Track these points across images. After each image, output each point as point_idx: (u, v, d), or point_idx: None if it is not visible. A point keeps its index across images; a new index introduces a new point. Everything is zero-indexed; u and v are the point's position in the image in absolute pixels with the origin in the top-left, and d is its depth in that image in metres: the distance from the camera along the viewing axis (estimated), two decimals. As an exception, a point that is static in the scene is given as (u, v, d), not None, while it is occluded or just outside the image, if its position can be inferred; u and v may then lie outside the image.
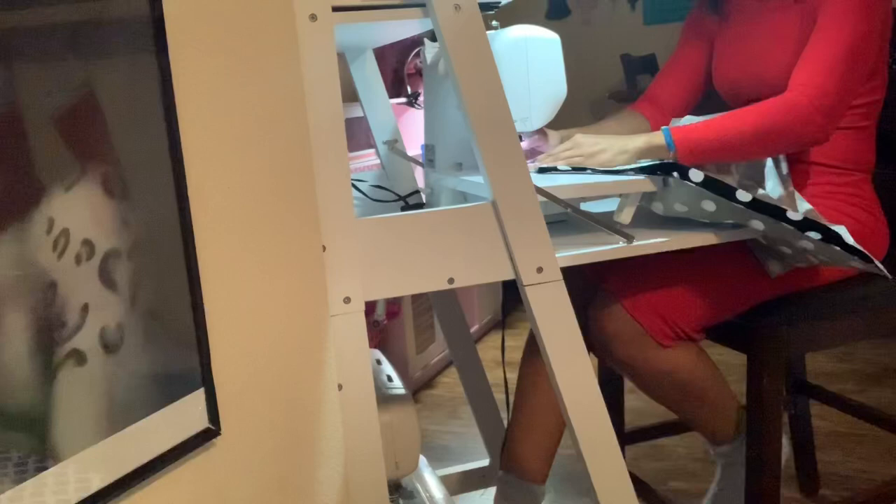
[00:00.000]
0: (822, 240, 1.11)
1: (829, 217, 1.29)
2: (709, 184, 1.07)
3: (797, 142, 1.24)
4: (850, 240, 1.13)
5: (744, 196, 1.06)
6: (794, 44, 1.29)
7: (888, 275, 1.17)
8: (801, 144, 1.27)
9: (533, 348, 1.42)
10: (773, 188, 1.28)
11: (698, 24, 1.50)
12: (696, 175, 1.07)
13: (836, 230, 1.12)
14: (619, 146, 1.25)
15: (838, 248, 1.12)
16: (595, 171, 1.21)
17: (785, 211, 1.09)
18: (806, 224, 1.10)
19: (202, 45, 0.74)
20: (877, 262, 1.16)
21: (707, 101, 1.52)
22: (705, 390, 1.31)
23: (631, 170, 1.16)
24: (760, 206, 1.08)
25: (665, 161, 1.17)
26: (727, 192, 1.07)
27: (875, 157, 1.37)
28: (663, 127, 1.24)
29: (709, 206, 1.11)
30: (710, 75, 1.49)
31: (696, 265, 1.28)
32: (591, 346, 1.29)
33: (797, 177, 1.33)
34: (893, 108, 1.39)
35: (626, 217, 1.14)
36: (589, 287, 1.35)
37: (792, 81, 1.24)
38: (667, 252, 1.17)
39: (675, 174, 1.08)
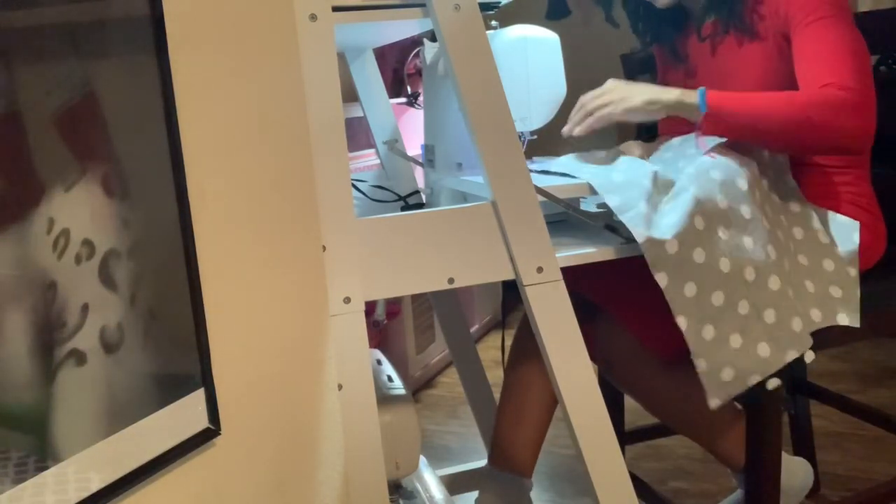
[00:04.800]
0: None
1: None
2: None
3: (833, 142, 1.16)
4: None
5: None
6: (755, 81, 1.28)
7: (858, 323, 1.18)
8: (837, 147, 1.19)
9: (521, 342, 1.41)
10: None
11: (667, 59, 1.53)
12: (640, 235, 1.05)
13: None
14: (652, 95, 1.22)
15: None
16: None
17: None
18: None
19: (202, 44, 0.74)
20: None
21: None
22: (713, 411, 1.28)
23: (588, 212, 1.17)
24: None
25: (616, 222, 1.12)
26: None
27: (870, 151, 1.36)
28: (701, 87, 1.20)
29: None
30: None
31: None
32: (594, 359, 1.28)
33: (795, 179, 1.32)
34: (893, 108, 1.38)
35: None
36: (583, 302, 1.30)
37: (811, 82, 1.16)
38: None
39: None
